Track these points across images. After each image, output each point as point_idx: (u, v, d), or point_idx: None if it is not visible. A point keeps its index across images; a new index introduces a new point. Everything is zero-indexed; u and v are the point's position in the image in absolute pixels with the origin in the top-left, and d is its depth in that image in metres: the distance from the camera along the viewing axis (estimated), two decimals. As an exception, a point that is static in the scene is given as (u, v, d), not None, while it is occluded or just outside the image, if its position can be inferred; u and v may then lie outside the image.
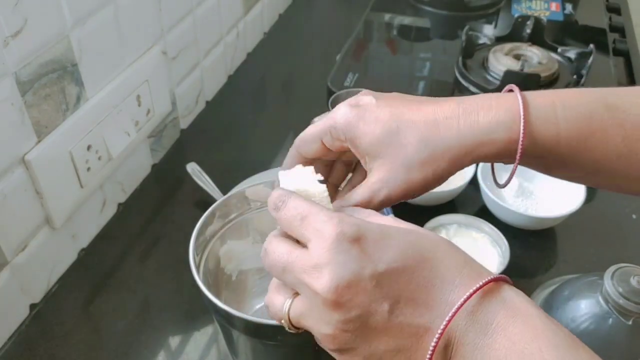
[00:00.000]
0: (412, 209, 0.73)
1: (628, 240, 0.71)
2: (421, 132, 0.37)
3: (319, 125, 0.40)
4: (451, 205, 0.75)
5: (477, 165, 0.73)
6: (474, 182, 0.72)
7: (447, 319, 0.30)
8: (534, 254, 0.69)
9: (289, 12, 1.22)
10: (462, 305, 0.30)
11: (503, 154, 0.38)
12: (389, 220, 0.35)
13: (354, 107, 0.39)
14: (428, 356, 0.31)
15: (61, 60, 0.58)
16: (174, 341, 0.60)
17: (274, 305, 0.35)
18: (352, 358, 0.33)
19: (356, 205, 0.38)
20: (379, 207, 0.38)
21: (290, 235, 0.35)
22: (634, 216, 0.74)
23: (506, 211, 0.69)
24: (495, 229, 0.66)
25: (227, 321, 0.46)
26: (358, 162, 0.44)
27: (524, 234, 0.71)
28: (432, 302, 0.31)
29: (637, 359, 0.50)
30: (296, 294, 0.34)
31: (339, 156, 0.43)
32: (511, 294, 0.32)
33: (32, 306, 0.63)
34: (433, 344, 0.31)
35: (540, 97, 0.38)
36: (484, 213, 0.72)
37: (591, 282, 0.54)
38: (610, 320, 0.50)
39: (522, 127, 0.36)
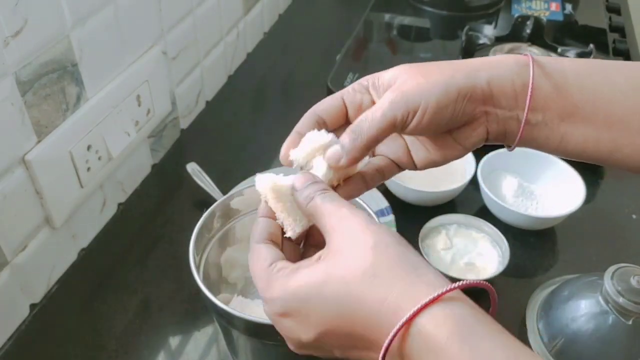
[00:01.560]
0: (412, 209, 0.73)
1: (628, 240, 0.71)
2: (440, 64, 0.39)
3: (341, 91, 0.42)
4: (451, 205, 0.75)
5: (477, 165, 0.73)
6: (474, 182, 0.72)
7: None
8: (534, 254, 0.69)
9: (289, 12, 1.22)
10: (384, 356, 0.31)
11: (516, 83, 0.38)
12: (329, 220, 0.35)
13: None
14: None
15: (61, 60, 0.58)
16: (174, 341, 0.60)
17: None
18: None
19: (374, 108, 0.38)
20: (395, 107, 0.37)
21: None
22: (634, 216, 0.74)
23: (506, 211, 0.69)
24: (495, 229, 0.66)
25: (227, 321, 0.46)
26: None
27: (524, 234, 0.71)
28: (370, 346, 0.33)
29: (637, 358, 0.50)
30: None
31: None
32: (431, 331, 0.30)
33: (32, 306, 0.63)
34: None
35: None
36: (484, 213, 0.72)
37: (591, 282, 0.54)
38: (610, 320, 0.50)
39: (529, 57, 0.39)
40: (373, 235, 0.33)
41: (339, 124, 0.42)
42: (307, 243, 0.42)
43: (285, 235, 0.39)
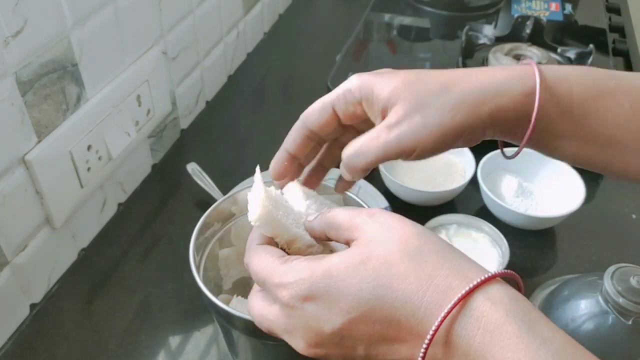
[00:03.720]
0: (412, 209, 0.73)
1: (628, 240, 0.71)
2: (440, 81, 0.37)
3: (331, 94, 0.40)
4: (451, 205, 0.75)
5: (477, 165, 0.73)
6: (474, 182, 0.72)
7: (419, 358, 0.29)
8: (534, 254, 0.69)
9: (289, 12, 1.22)
10: (429, 344, 0.29)
11: (520, 111, 0.37)
12: (355, 219, 0.33)
13: (370, 73, 0.39)
14: None
15: (61, 61, 0.58)
16: (174, 341, 0.60)
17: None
18: None
19: (359, 148, 0.38)
20: (383, 153, 0.37)
21: None
22: (634, 216, 0.74)
23: (506, 211, 0.69)
24: (495, 229, 0.66)
25: (227, 321, 0.46)
26: None
27: (524, 234, 0.71)
28: (403, 337, 0.30)
29: (637, 358, 0.50)
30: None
31: (341, 134, 0.42)
32: (486, 311, 0.29)
33: (33, 306, 0.63)
34: None
35: (550, 66, 0.39)
36: (484, 213, 0.72)
37: (591, 282, 0.54)
38: (610, 320, 0.50)
39: (537, 77, 0.36)
40: (415, 226, 0.33)
41: (331, 134, 0.42)
42: None
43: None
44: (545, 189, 0.74)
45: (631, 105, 0.37)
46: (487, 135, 0.38)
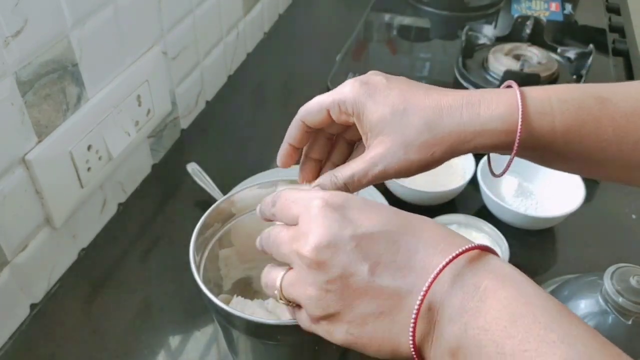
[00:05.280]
0: (412, 209, 0.73)
1: (628, 240, 0.71)
2: (426, 116, 0.39)
3: (327, 96, 0.42)
4: (451, 205, 0.75)
5: (477, 165, 0.73)
6: (474, 182, 0.72)
7: (429, 280, 0.31)
8: (534, 254, 0.70)
9: (289, 12, 1.22)
10: (445, 266, 0.31)
11: (500, 145, 0.39)
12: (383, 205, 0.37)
13: (364, 84, 0.41)
14: (412, 318, 0.31)
15: (61, 61, 0.58)
16: (174, 341, 0.60)
17: (270, 278, 0.38)
18: (337, 324, 0.34)
19: (351, 176, 0.40)
20: (372, 181, 0.40)
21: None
22: (633, 216, 0.74)
23: (506, 211, 0.69)
24: (495, 229, 0.66)
25: (227, 321, 0.46)
26: (359, 143, 0.45)
27: (524, 234, 0.71)
28: (413, 266, 0.32)
29: (637, 358, 0.50)
30: (290, 269, 0.37)
31: (342, 130, 0.45)
32: (498, 262, 0.32)
33: (33, 306, 0.63)
34: (416, 306, 0.31)
35: (536, 91, 0.40)
36: (484, 213, 0.72)
37: (591, 281, 0.54)
38: (610, 319, 0.50)
39: (520, 120, 0.38)
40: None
41: (331, 130, 0.45)
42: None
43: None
44: (545, 189, 0.74)
45: (614, 131, 0.39)
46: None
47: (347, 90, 0.41)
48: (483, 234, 0.68)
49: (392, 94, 0.40)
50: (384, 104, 0.40)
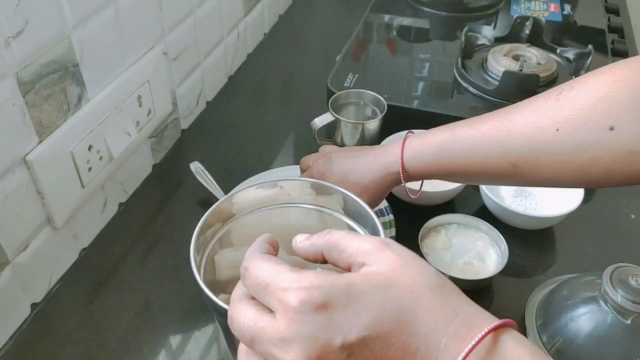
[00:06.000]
0: (412, 209, 0.73)
1: (627, 240, 0.72)
2: (356, 176, 0.59)
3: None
4: (451, 205, 0.75)
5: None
6: (473, 182, 0.72)
7: None
8: (533, 254, 0.70)
9: (289, 13, 1.22)
10: None
11: (399, 182, 0.57)
12: (364, 245, 0.33)
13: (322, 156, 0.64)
14: None
15: (62, 61, 0.58)
16: (175, 340, 0.60)
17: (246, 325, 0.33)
18: None
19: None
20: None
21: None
22: (632, 216, 0.74)
23: (505, 211, 0.70)
24: (495, 229, 0.67)
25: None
26: None
27: (523, 234, 0.71)
28: None
29: (636, 358, 0.51)
30: None
31: None
32: (513, 348, 0.29)
33: (34, 305, 0.63)
34: None
35: (419, 139, 0.57)
36: (483, 213, 0.72)
37: (590, 281, 0.55)
38: (609, 319, 0.50)
39: (400, 167, 0.56)
40: (429, 264, 0.33)
41: None
42: None
43: None
44: (544, 188, 0.74)
45: (510, 163, 0.50)
46: None
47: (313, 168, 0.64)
48: (482, 233, 0.68)
49: (337, 164, 0.62)
50: (334, 174, 0.61)
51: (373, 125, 0.77)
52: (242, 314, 0.33)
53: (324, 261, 0.35)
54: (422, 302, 0.30)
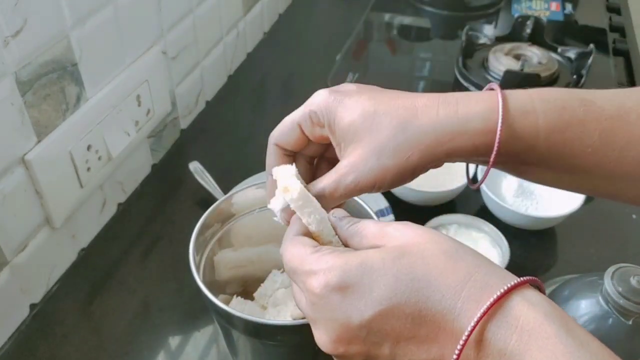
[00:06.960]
0: (412, 208, 0.73)
1: (628, 240, 0.71)
2: (398, 117, 0.36)
3: (297, 111, 0.40)
4: (451, 205, 0.75)
5: (476, 165, 0.72)
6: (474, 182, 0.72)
7: (454, 356, 0.28)
8: (534, 254, 0.69)
9: (288, 12, 1.22)
10: (466, 341, 0.28)
11: (479, 148, 0.35)
12: (386, 228, 0.33)
13: (334, 92, 0.38)
14: None
15: (61, 60, 0.58)
16: (174, 341, 0.60)
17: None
18: None
19: (322, 191, 0.37)
20: (346, 194, 0.37)
21: None
22: (634, 216, 0.74)
23: (506, 211, 0.69)
24: (495, 229, 0.66)
25: (227, 321, 0.46)
26: None
27: (524, 234, 0.71)
28: (434, 336, 0.29)
29: (638, 359, 0.50)
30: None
31: (322, 151, 0.42)
32: (524, 311, 0.28)
33: (32, 306, 0.63)
34: None
35: (518, 93, 0.37)
36: (484, 213, 0.72)
37: (591, 282, 0.54)
38: (610, 320, 0.50)
39: (500, 117, 0.35)
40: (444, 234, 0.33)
41: (310, 151, 0.42)
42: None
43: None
44: (545, 189, 0.74)
45: (599, 135, 0.36)
46: (445, 162, 0.38)
47: (317, 99, 0.39)
48: (483, 234, 0.67)
49: (362, 97, 0.37)
50: (353, 108, 0.37)
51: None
52: (296, 293, 0.36)
53: (347, 245, 0.36)
54: (434, 267, 0.30)
